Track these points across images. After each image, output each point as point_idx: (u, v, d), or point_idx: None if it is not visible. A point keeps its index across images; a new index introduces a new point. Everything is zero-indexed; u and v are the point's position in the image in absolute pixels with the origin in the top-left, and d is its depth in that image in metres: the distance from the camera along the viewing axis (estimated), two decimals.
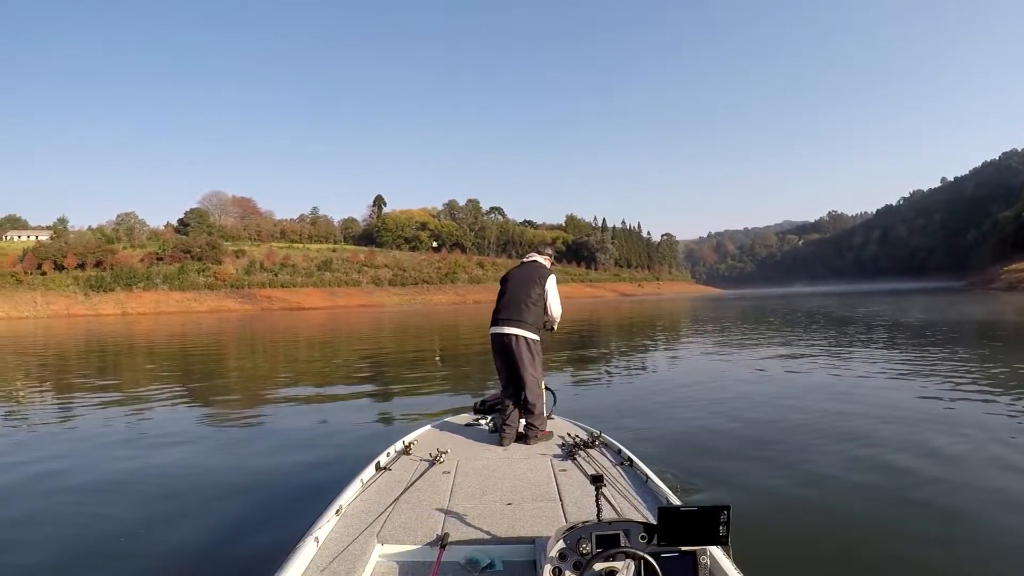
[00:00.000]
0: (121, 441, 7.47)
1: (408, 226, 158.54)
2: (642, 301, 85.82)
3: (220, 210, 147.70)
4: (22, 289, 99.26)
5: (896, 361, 13.02)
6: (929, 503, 4.58)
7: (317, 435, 7.53)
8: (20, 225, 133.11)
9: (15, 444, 7.62)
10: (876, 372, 11.54)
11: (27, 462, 6.53)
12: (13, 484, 5.80)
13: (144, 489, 5.46)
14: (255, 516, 4.62)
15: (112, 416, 9.16)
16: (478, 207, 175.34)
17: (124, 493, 5.39)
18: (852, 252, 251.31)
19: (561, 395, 5.88)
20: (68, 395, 12.03)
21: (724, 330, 24.88)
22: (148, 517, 4.71)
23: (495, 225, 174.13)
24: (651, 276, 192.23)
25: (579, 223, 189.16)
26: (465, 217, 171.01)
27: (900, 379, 10.69)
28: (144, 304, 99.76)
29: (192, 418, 9.09)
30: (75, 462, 6.50)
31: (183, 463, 6.29)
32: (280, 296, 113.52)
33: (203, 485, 5.49)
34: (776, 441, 6.52)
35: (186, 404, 10.35)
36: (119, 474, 6.00)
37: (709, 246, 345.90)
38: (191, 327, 43.89)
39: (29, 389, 13.34)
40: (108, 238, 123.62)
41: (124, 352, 23.86)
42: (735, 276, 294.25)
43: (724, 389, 10.12)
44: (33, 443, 7.61)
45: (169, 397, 11.01)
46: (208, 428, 8.45)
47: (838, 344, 17.22)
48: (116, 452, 6.87)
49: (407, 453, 4.27)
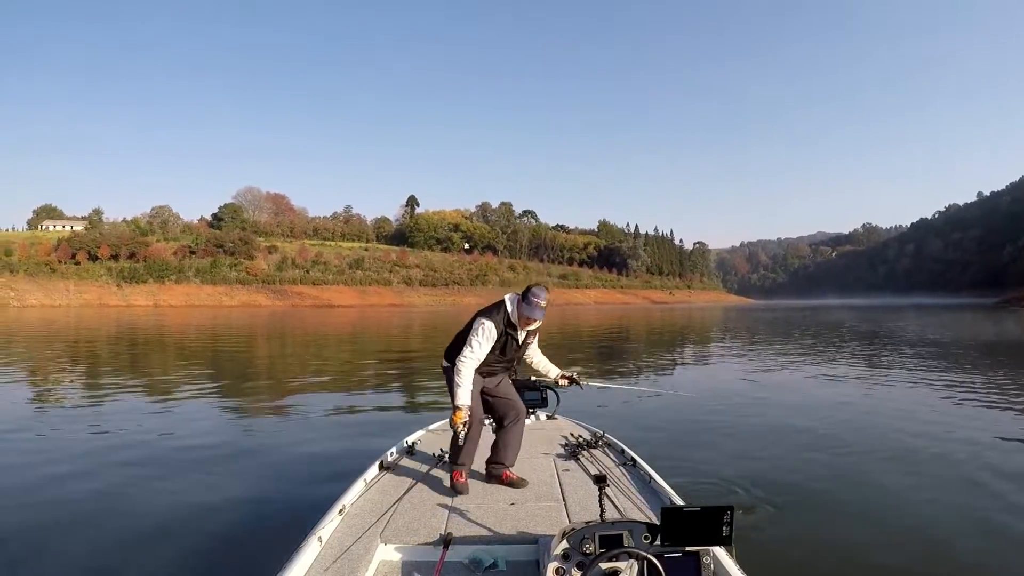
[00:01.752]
0: (121, 440, 7.22)
1: (440, 227, 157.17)
2: (672, 310, 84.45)
3: (254, 206, 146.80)
4: (56, 278, 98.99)
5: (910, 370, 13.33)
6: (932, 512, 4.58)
7: (321, 435, 7.44)
8: (55, 215, 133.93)
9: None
10: (879, 380, 11.91)
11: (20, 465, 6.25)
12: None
13: (145, 488, 5.35)
14: (258, 515, 4.57)
15: (114, 413, 8.96)
16: (511, 210, 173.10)
17: (126, 492, 5.27)
18: (885, 265, 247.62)
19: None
20: (71, 386, 12.01)
21: (750, 344, 23.40)
22: (149, 516, 4.61)
23: (527, 229, 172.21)
24: (682, 284, 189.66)
25: (612, 229, 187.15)
26: (498, 220, 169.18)
27: (893, 381, 11.43)
28: (176, 296, 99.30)
29: (199, 416, 8.84)
30: (76, 459, 6.35)
31: (186, 463, 6.13)
32: (311, 293, 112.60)
33: (205, 484, 5.41)
34: (777, 442, 6.74)
35: (197, 400, 10.19)
36: (120, 474, 5.79)
37: (741, 255, 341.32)
38: (221, 321, 44.03)
39: (46, 378, 13.37)
40: (142, 230, 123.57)
41: (146, 344, 23.71)
42: (767, 286, 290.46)
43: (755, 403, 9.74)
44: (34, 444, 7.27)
45: (182, 392, 10.96)
46: (213, 427, 8.14)
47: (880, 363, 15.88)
48: (119, 452, 6.65)
49: (411, 453, 4.21)
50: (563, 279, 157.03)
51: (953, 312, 57.92)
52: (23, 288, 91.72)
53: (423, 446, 4.39)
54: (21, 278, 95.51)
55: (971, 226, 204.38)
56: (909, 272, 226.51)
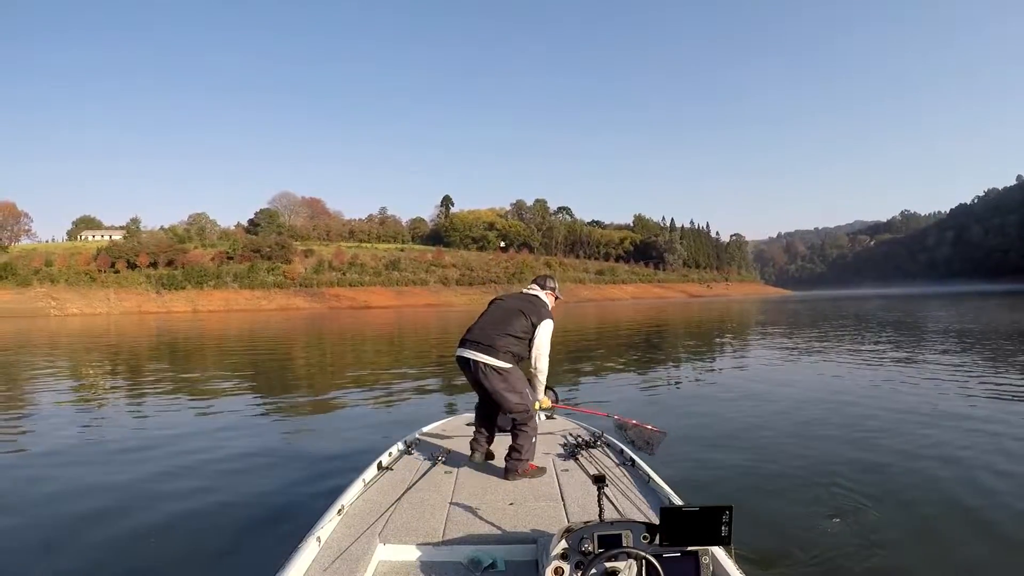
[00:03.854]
0: (123, 439, 7.38)
1: (476, 226, 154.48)
2: (710, 303, 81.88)
3: (290, 210, 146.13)
4: (96, 286, 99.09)
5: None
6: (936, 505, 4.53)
7: (323, 434, 7.52)
8: (94, 225, 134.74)
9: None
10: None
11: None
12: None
13: (147, 488, 5.38)
14: (257, 515, 4.54)
15: (120, 414, 9.22)
16: (546, 207, 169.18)
17: (126, 492, 5.27)
18: (925, 253, 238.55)
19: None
20: (91, 387, 12.64)
21: (784, 337, 21.89)
22: (148, 516, 4.61)
23: (563, 225, 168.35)
24: (720, 277, 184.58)
25: (647, 223, 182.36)
26: (533, 217, 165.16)
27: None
28: (214, 302, 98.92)
29: (208, 414, 9.07)
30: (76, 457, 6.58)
31: (188, 461, 6.19)
32: (348, 295, 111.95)
33: (208, 483, 5.42)
34: (776, 441, 6.54)
35: (204, 400, 10.33)
36: (121, 473, 5.86)
37: (779, 247, 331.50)
38: (259, 325, 43.65)
39: (81, 383, 13.55)
40: (180, 237, 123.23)
41: (176, 349, 23.29)
42: (805, 277, 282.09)
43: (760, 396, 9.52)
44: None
45: (194, 393, 11.22)
46: (215, 427, 8.06)
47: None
48: (120, 450, 6.84)
49: (409, 453, 4.19)
50: (600, 275, 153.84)
51: (995, 299, 54.27)
52: (64, 297, 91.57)
53: (422, 446, 4.35)
54: (62, 287, 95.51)
55: (1011, 211, 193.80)
56: (949, 259, 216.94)
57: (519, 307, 4.00)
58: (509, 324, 3.90)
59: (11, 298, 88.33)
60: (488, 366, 3.80)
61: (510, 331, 3.87)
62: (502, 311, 4.02)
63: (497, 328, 3.88)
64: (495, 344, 3.82)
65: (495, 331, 3.87)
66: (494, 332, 3.86)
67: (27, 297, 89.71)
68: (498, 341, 3.83)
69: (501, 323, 3.91)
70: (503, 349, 3.82)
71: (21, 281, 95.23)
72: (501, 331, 3.86)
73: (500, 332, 3.85)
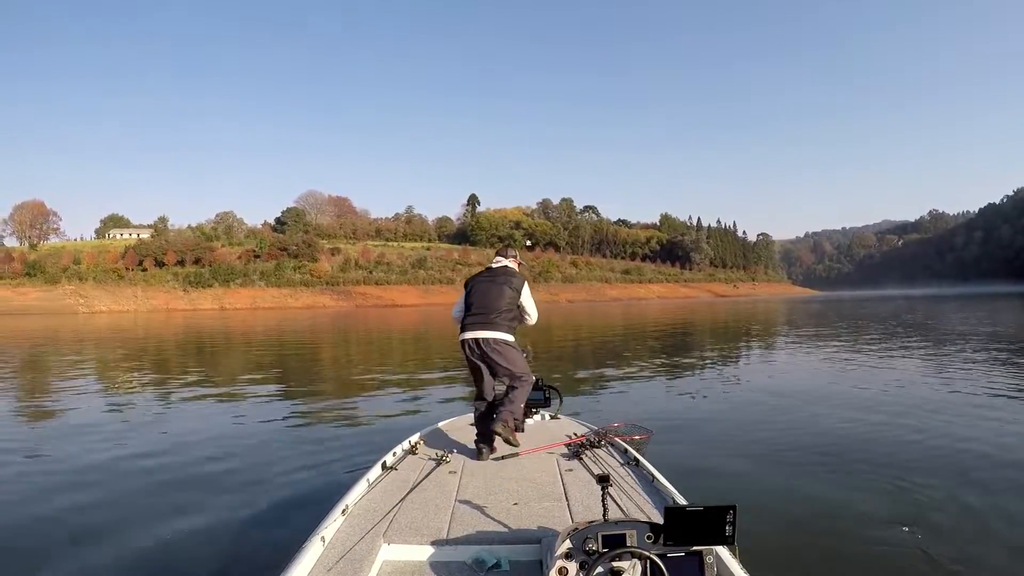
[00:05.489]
0: (126, 439, 7.22)
1: (502, 225, 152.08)
2: (736, 303, 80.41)
3: (316, 209, 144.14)
4: (123, 284, 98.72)
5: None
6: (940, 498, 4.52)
7: (326, 434, 7.24)
8: (122, 224, 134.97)
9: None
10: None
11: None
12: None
13: (144, 488, 5.30)
14: (261, 515, 4.50)
15: (135, 409, 9.19)
16: (572, 206, 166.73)
17: (126, 491, 5.22)
18: (953, 253, 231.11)
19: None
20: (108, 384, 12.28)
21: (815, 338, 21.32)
22: (154, 513, 4.58)
23: (589, 224, 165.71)
24: (746, 277, 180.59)
25: (673, 222, 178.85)
26: (559, 216, 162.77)
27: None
28: (241, 300, 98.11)
29: (207, 417, 8.80)
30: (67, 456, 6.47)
31: (190, 462, 6.10)
32: (374, 293, 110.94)
33: (210, 483, 5.37)
34: (778, 441, 6.43)
35: (211, 401, 10.12)
36: (121, 473, 5.80)
37: (806, 246, 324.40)
38: (285, 322, 43.51)
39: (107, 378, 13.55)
40: (207, 236, 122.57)
41: (201, 347, 22.98)
42: (832, 277, 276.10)
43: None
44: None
45: (205, 392, 11.04)
46: (218, 427, 7.90)
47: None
48: (122, 450, 6.67)
49: (413, 453, 4.13)
50: (626, 274, 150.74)
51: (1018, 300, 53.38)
52: (92, 295, 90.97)
53: (426, 446, 4.31)
54: (90, 285, 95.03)
55: None
56: (978, 259, 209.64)
57: (501, 282, 4.31)
58: (501, 300, 4.25)
59: (40, 295, 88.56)
60: (497, 340, 4.20)
61: (503, 307, 4.24)
62: (490, 290, 4.31)
63: (493, 306, 4.24)
64: (496, 321, 4.22)
65: (491, 310, 4.23)
66: (491, 311, 4.22)
67: (56, 295, 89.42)
68: (497, 318, 4.22)
69: (496, 300, 4.25)
70: (504, 322, 4.24)
71: (50, 279, 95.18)
72: (496, 308, 4.23)
73: (495, 309, 4.22)
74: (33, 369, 16.09)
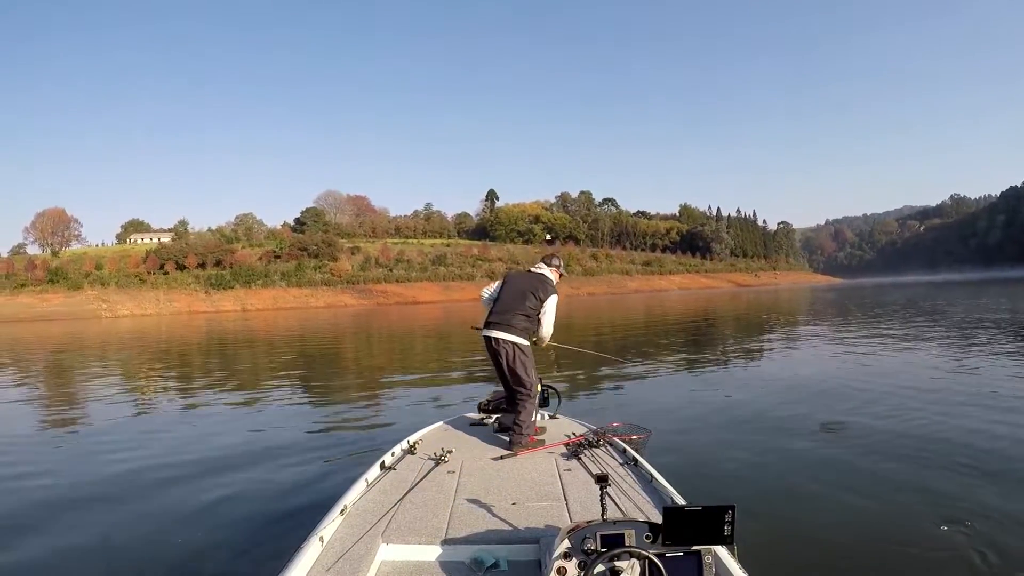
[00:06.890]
0: (128, 437, 7.35)
1: (521, 219, 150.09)
2: (758, 292, 79.24)
3: (335, 208, 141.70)
4: (145, 288, 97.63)
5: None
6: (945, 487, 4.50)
7: (327, 434, 7.40)
8: (143, 228, 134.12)
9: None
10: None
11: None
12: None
13: (145, 488, 5.29)
14: (260, 515, 4.46)
15: (140, 411, 9.31)
16: (591, 199, 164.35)
17: (126, 491, 5.21)
18: (975, 238, 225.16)
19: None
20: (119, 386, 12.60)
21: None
22: (148, 515, 4.55)
23: (608, 217, 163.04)
24: (767, 266, 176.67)
25: (693, 212, 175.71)
26: (578, 209, 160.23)
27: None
28: (263, 300, 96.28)
29: (209, 416, 8.86)
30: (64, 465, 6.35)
31: (192, 460, 6.12)
32: (395, 291, 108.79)
33: (208, 483, 5.32)
34: (779, 440, 6.27)
35: (215, 401, 10.09)
36: (122, 473, 5.80)
37: (827, 234, 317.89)
38: (308, 323, 43.17)
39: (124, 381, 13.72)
40: (227, 238, 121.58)
41: (220, 349, 23.00)
42: (854, 265, 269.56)
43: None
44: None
45: (209, 393, 11.03)
46: (219, 427, 8.00)
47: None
48: (124, 449, 6.74)
49: (412, 452, 4.12)
50: (646, 266, 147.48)
51: None
52: (114, 299, 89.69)
53: (424, 446, 4.27)
54: (112, 290, 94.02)
55: None
56: (1001, 244, 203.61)
57: (529, 288, 4.43)
58: (522, 304, 4.38)
59: (63, 301, 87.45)
60: (508, 342, 4.32)
61: (522, 311, 4.36)
62: (516, 292, 4.44)
63: (513, 309, 4.37)
64: (512, 323, 4.34)
65: (511, 312, 4.36)
66: (511, 313, 4.36)
67: (79, 300, 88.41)
68: (513, 320, 4.34)
69: (518, 303, 4.38)
70: (519, 326, 4.35)
71: (72, 285, 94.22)
72: (516, 311, 4.35)
73: (515, 312, 4.35)
74: (55, 374, 16.14)
